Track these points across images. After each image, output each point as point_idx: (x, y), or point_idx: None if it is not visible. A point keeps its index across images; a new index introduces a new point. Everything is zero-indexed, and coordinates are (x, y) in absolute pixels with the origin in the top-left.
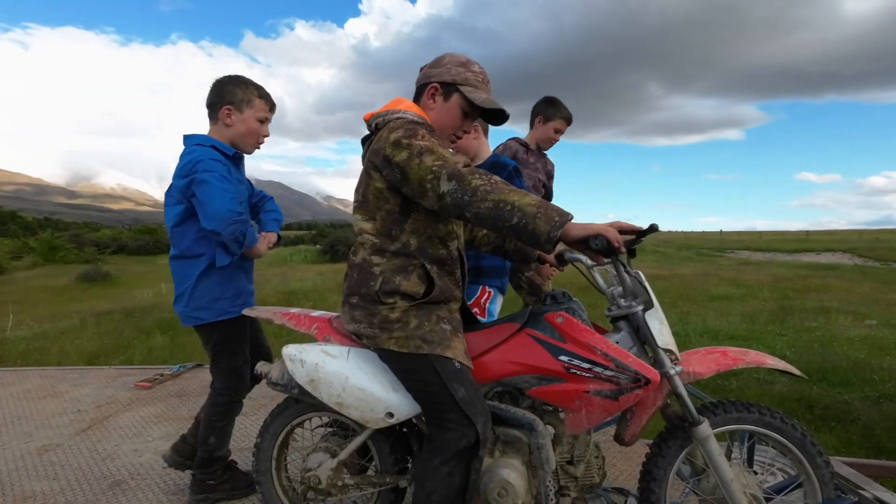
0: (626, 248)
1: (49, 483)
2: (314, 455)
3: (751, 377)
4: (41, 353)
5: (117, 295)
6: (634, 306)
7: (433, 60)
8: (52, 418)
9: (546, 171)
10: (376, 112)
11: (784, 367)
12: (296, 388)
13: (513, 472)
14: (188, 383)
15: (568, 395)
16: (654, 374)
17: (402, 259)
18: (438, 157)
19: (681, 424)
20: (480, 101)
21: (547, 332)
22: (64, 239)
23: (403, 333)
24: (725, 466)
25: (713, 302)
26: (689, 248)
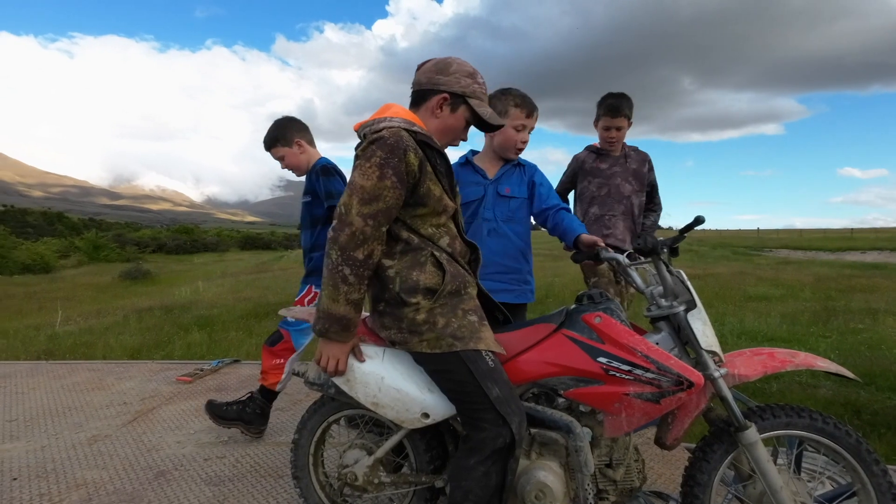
0: (668, 246)
1: (98, 472)
2: (350, 452)
3: (793, 380)
4: (88, 347)
5: (157, 292)
6: (676, 306)
7: (436, 64)
8: (99, 410)
9: (634, 173)
10: (364, 122)
11: (837, 370)
12: (332, 387)
13: (550, 474)
14: (226, 378)
15: (606, 398)
16: (698, 376)
17: (410, 254)
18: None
19: (726, 429)
20: (488, 117)
21: (584, 333)
22: (107, 238)
23: (434, 334)
24: (774, 473)
25: (751, 302)
26: (725, 247)
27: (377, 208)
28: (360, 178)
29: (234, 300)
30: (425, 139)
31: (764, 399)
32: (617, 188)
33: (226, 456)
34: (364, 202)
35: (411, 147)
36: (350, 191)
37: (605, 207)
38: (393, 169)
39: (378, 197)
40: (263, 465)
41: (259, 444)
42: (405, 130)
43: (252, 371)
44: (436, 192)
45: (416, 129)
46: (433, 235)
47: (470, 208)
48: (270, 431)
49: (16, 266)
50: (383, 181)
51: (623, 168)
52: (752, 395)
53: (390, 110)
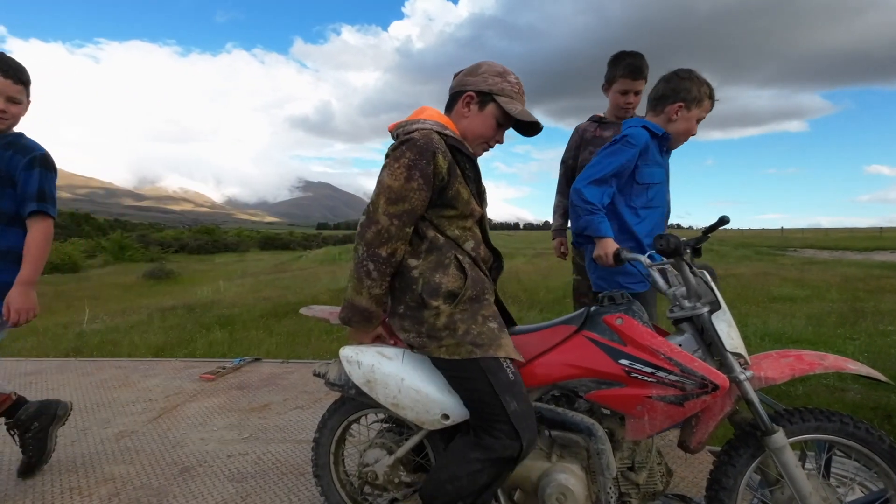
0: (691, 247)
1: (126, 467)
2: (371, 451)
3: (819, 383)
4: (114, 345)
5: (179, 291)
6: (699, 308)
7: (469, 68)
8: (126, 406)
9: None
10: (399, 122)
11: (868, 373)
12: (352, 388)
13: (572, 477)
14: (248, 376)
15: (629, 400)
16: (723, 379)
17: (435, 255)
18: (388, 203)
19: (752, 432)
20: (516, 113)
21: (606, 335)
22: (132, 239)
23: (453, 340)
24: (804, 479)
25: (774, 303)
26: (748, 247)
27: (402, 209)
28: (388, 178)
29: (255, 300)
30: (456, 143)
31: (790, 402)
32: None
33: (248, 453)
34: (391, 202)
35: (441, 150)
36: (378, 190)
37: None
38: (420, 171)
39: (404, 198)
40: (285, 462)
41: (281, 442)
42: (437, 133)
43: (272, 369)
44: (464, 195)
45: (448, 133)
46: (459, 238)
47: (652, 189)
48: (292, 429)
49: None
50: (410, 182)
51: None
52: (777, 398)
53: (425, 113)
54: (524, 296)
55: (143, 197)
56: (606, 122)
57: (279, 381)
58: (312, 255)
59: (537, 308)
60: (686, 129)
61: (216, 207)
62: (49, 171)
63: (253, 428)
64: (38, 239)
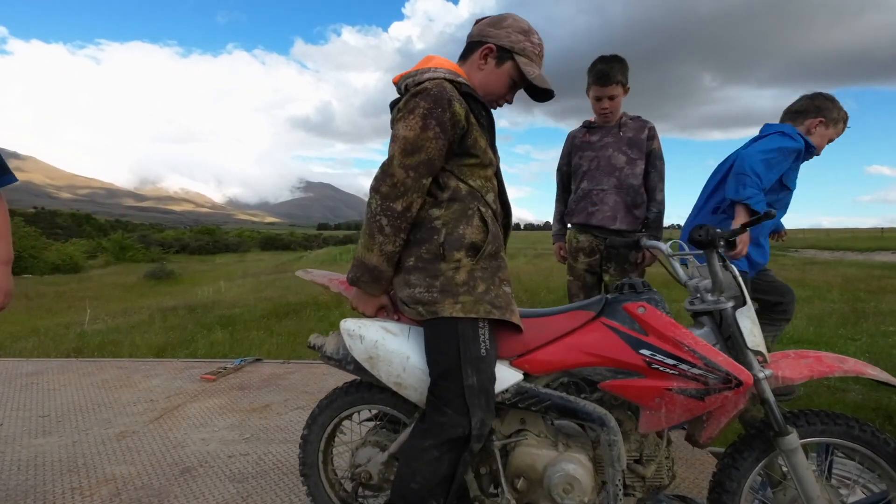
0: (726, 239)
1: (127, 467)
2: (363, 450)
3: (820, 384)
4: (115, 345)
5: (180, 292)
6: (723, 302)
7: (493, 18)
8: (127, 407)
9: (629, 141)
10: (405, 73)
11: (888, 379)
12: (351, 363)
13: (579, 467)
14: (249, 377)
15: (647, 392)
16: (748, 375)
17: (458, 204)
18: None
19: (761, 433)
20: (533, 77)
21: (626, 324)
22: (133, 239)
23: (471, 297)
24: (812, 481)
25: None
26: None
27: (419, 159)
28: (403, 129)
29: (255, 300)
30: (469, 90)
31: (791, 402)
32: (608, 160)
33: (249, 453)
34: (406, 153)
35: (456, 97)
36: (393, 142)
37: (593, 182)
38: (436, 119)
39: (420, 148)
40: (286, 462)
41: (282, 443)
42: (448, 81)
43: (273, 370)
44: (482, 143)
45: (461, 80)
46: (481, 188)
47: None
48: (293, 430)
49: (46, 266)
50: (426, 132)
51: (616, 138)
52: (781, 398)
53: (433, 61)
54: (525, 296)
55: (145, 197)
56: (594, 127)
57: (280, 381)
58: (313, 256)
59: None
60: (818, 144)
61: (217, 208)
62: None
63: (254, 428)
64: (6, 214)
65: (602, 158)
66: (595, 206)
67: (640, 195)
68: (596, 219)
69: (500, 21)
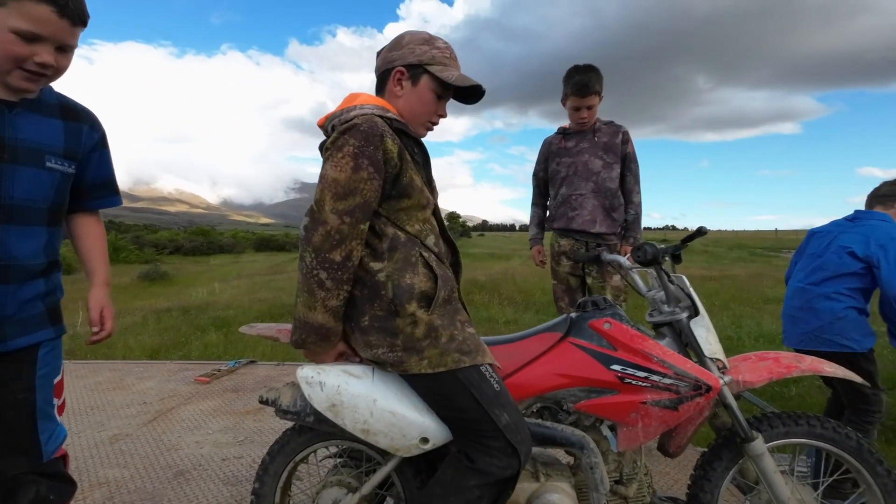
0: (670, 254)
1: (120, 470)
2: (327, 492)
3: (812, 384)
4: (108, 347)
5: (174, 293)
6: (678, 313)
7: (391, 42)
8: (120, 409)
9: (605, 146)
10: (330, 114)
11: (844, 375)
12: (311, 415)
13: (563, 496)
14: (243, 379)
15: (622, 408)
16: (715, 380)
17: (400, 253)
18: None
19: (730, 441)
20: (454, 80)
21: (594, 341)
22: (126, 240)
23: (436, 350)
24: (782, 484)
25: (769, 304)
26: (742, 248)
27: (353, 203)
28: (332, 171)
29: (250, 301)
30: (401, 126)
31: (783, 403)
32: (585, 165)
33: (243, 456)
34: (338, 197)
35: (388, 133)
36: (322, 185)
37: (571, 187)
38: (369, 158)
39: (354, 190)
40: None
41: None
42: (379, 117)
43: (267, 372)
44: (417, 182)
45: (391, 116)
46: (420, 233)
47: None
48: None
49: None
50: (359, 172)
51: (592, 143)
52: (770, 400)
53: (358, 99)
54: (520, 297)
55: (138, 198)
56: (570, 133)
57: (274, 383)
58: None
59: (533, 309)
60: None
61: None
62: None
63: (248, 431)
64: (103, 234)
65: (579, 164)
66: (575, 210)
67: (618, 198)
68: (576, 223)
69: (398, 42)
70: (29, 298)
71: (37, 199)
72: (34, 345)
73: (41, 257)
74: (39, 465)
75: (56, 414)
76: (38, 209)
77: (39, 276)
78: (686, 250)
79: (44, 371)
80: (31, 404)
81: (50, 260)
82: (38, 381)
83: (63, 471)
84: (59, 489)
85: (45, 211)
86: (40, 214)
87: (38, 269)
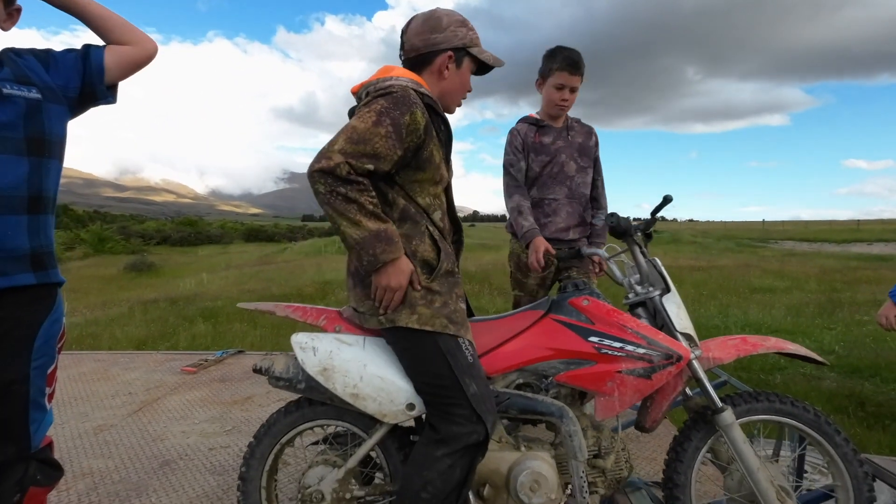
0: (642, 231)
1: (104, 461)
2: (313, 470)
3: (797, 372)
4: (94, 338)
5: (161, 284)
6: (652, 291)
7: (425, 22)
8: (105, 400)
9: (579, 147)
10: (365, 82)
11: (805, 353)
12: (303, 381)
13: (544, 464)
14: (230, 369)
15: (599, 377)
16: (685, 350)
17: (409, 223)
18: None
19: (701, 417)
20: (492, 61)
21: (573, 316)
22: (112, 231)
23: (429, 310)
24: (751, 454)
25: (755, 294)
26: (730, 239)
27: (362, 150)
28: (355, 120)
29: (239, 292)
30: (431, 102)
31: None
32: (560, 167)
33: (230, 446)
34: (350, 141)
35: (419, 106)
36: (341, 130)
37: (545, 190)
38: (392, 119)
39: (367, 140)
40: None
41: None
42: (413, 90)
43: (255, 362)
44: (436, 158)
45: (424, 91)
46: (428, 207)
47: None
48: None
49: None
50: (378, 127)
51: (566, 142)
52: (755, 386)
53: (394, 71)
54: (510, 287)
55: (125, 188)
56: (544, 126)
57: None
58: (298, 248)
59: None
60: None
61: (199, 199)
62: None
63: (235, 420)
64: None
65: (556, 165)
66: (548, 217)
67: (589, 205)
68: (549, 230)
69: (438, 24)
70: (7, 233)
71: (4, 125)
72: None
73: (22, 189)
74: (27, 454)
75: (46, 402)
76: (9, 138)
77: (22, 211)
78: (674, 241)
79: (39, 362)
80: (24, 395)
81: (33, 195)
82: (32, 371)
83: (50, 456)
84: (47, 472)
85: (20, 140)
86: (14, 144)
87: (18, 202)
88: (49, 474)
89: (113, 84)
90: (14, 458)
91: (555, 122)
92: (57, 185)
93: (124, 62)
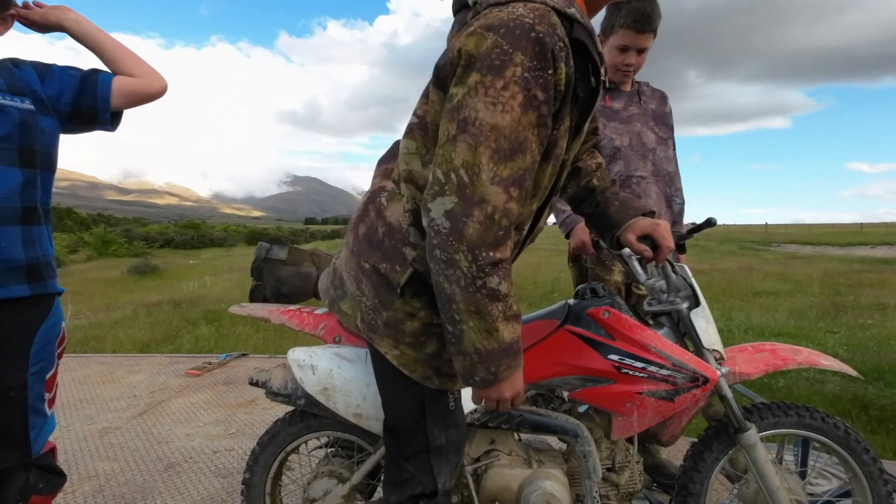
0: (675, 244)
1: (110, 463)
2: (317, 482)
3: (800, 376)
4: (98, 341)
5: (165, 287)
6: (679, 303)
7: None
8: (110, 402)
9: (654, 115)
10: None
11: (840, 368)
12: (302, 398)
13: (556, 483)
14: (234, 371)
15: (618, 398)
16: (713, 372)
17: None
18: (498, 160)
19: (722, 431)
20: None
21: (591, 329)
22: (116, 234)
23: (413, 353)
24: (773, 474)
25: (758, 297)
26: (732, 242)
27: (523, 166)
28: (487, 110)
29: (242, 295)
30: (583, 36)
31: (771, 395)
32: (639, 138)
33: (234, 448)
34: (502, 156)
35: (565, 51)
36: (473, 135)
37: (630, 166)
38: (543, 88)
39: (523, 144)
40: None
41: None
42: (555, 9)
43: (259, 365)
44: (562, 143)
45: (573, 13)
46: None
47: None
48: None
49: None
50: (528, 113)
51: (641, 110)
52: (759, 391)
53: None
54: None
55: (128, 191)
56: (613, 89)
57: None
58: None
59: (525, 302)
60: None
61: (202, 202)
62: None
63: (239, 423)
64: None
65: (633, 135)
66: (639, 198)
67: (674, 186)
68: None
69: None
70: (1, 245)
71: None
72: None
73: (15, 200)
74: (28, 460)
75: (46, 408)
76: (3, 149)
77: (16, 221)
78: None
79: (37, 368)
80: (22, 401)
81: (26, 206)
82: (30, 377)
83: (53, 462)
84: (49, 479)
85: (13, 151)
86: (7, 155)
87: (11, 213)
88: (51, 482)
89: (117, 111)
90: (16, 465)
91: (621, 86)
92: (49, 196)
93: (128, 91)
